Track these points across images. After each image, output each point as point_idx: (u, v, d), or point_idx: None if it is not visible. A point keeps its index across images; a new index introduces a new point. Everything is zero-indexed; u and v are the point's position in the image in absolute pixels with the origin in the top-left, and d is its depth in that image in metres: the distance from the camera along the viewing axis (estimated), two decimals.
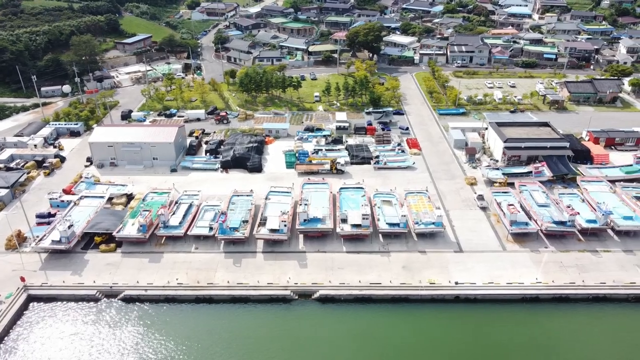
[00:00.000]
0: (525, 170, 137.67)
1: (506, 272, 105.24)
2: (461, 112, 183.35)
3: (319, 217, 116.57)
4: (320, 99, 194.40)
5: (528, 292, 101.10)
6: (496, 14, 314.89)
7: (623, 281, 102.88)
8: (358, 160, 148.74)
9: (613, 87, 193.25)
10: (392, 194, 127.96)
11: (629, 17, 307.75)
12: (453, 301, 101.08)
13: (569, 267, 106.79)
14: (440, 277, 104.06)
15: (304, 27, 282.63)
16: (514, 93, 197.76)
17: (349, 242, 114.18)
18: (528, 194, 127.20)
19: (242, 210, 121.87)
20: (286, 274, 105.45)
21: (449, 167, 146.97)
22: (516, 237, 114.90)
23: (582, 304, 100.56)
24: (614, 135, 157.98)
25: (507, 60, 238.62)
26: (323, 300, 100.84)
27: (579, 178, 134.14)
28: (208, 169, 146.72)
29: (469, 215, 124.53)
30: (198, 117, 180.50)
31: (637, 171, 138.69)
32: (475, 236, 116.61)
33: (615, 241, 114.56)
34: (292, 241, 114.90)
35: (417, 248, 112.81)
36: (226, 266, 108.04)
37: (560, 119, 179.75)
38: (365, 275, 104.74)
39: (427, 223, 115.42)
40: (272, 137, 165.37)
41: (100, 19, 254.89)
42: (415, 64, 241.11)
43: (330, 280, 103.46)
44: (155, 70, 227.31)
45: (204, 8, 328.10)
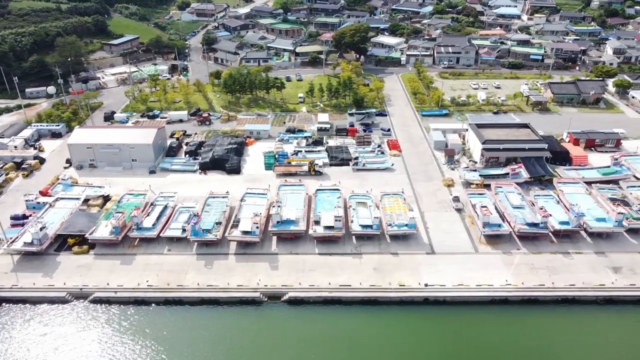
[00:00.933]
0: (502, 172, 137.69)
1: (477, 274, 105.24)
2: (444, 114, 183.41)
3: (292, 219, 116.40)
4: (304, 100, 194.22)
5: (497, 294, 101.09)
6: (485, 14, 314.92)
7: (592, 283, 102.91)
8: (337, 162, 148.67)
9: (596, 89, 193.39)
10: (367, 196, 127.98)
11: (618, 17, 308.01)
12: (422, 303, 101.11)
13: (540, 269, 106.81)
14: (411, 279, 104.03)
15: (292, 28, 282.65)
16: (497, 94, 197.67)
17: (322, 244, 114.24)
18: (504, 195, 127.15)
19: (217, 212, 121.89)
20: (257, 275, 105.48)
21: (427, 169, 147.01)
22: (489, 238, 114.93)
23: (551, 306, 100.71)
24: (594, 137, 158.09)
25: (493, 61, 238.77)
26: (292, 302, 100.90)
27: (555, 179, 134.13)
28: (187, 171, 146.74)
29: (444, 217, 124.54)
30: (180, 119, 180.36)
31: (614, 172, 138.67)
32: (449, 238, 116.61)
33: (587, 243, 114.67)
34: (265, 243, 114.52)
35: (390, 250, 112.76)
36: (197, 268, 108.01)
37: (542, 120, 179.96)
38: (336, 277, 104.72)
39: (400, 225, 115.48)
40: (254, 138, 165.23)
41: (87, 20, 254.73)
42: (402, 65, 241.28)
43: (300, 282, 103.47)
44: (141, 72, 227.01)
45: (194, 9, 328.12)
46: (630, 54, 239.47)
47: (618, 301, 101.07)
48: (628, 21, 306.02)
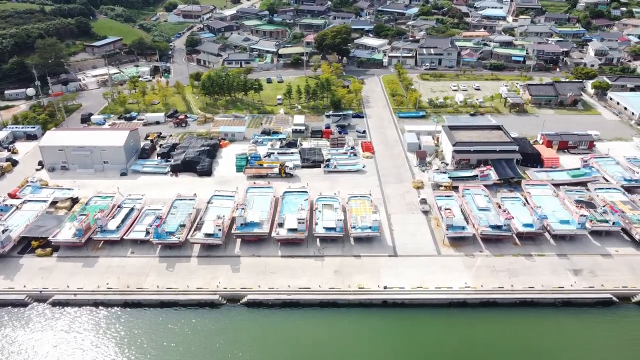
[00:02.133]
0: (471, 174, 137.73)
1: (437, 277, 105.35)
2: (421, 115, 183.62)
3: (256, 222, 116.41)
4: (282, 102, 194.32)
5: (456, 296, 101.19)
6: (470, 16, 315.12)
7: (552, 285, 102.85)
8: (309, 164, 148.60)
9: (574, 90, 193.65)
10: (335, 198, 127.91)
11: (603, 19, 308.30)
12: (381, 306, 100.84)
13: (501, 271, 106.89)
14: (371, 282, 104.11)
15: (276, 30, 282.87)
16: (475, 96, 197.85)
17: (285, 246, 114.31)
18: (470, 197, 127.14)
19: (183, 214, 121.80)
20: (217, 278, 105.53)
21: (399, 171, 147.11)
22: (452, 241, 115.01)
23: (510, 309, 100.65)
24: (566, 139, 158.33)
25: (475, 62, 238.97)
26: (251, 304, 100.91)
27: (523, 182, 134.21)
28: (158, 173, 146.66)
29: (410, 219, 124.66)
30: (157, 120, 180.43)
31: (584, 174, 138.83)
32: (413, 240, 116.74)
33: (551, 245, 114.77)
34: (228, 245, 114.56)
35: (353, 252, 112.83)
36: (159, 271, 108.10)
37: (519, 122, 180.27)
38: (296, 280, 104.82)
39: (363, 227, 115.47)
40: (228, 140, 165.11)
41: (70, 22, 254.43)
42: (384, 66, 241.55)
43: (259, 284, 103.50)
44: (123, 73, 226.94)
45: (180, 10, 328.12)
46: (612, 55, 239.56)
47: (576, 304, 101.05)
48: (613, 22, 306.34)
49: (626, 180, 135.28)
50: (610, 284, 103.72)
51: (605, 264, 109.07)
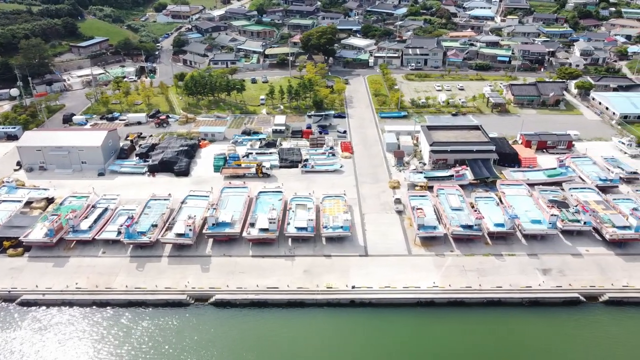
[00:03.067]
0: (447, 174, 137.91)
1: (406, 276, 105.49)
2: (402, 115, 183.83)
3: (227, 222, 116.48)
4: (265, 102, 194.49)
5: (423, 296, 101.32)
6: (458, 16, 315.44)
7: (520, 285, 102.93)
8: (287, 164, 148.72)
9: (556, 90, 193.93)
10: (309, 198, 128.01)
11: (591, 19, 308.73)
12: (349, 305, 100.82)
13: (470, 271, 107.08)
14: (339, 282, 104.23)
15: (264, 30, 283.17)
16: (457, 96, 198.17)
17: (257, 246, 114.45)
18: (444, 197, 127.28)
19: (156, 214, 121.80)
20: (186, 278, 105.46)
21: (376, 171, 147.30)
22: (424, 241, 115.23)
23: (478, 308, 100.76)
24: (545, 139, 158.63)
25: (461, 62, 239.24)
26: (219, 304, 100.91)
27: (498, 181, 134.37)
28: (136, 173, 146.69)
29: (384, 219, 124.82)
30: (139, 121, 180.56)
31: (559, 174, 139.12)
32: (385, 240, 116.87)
33: (522, 245, 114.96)
34: (200, 245, 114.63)
35: (324, 252, 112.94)
36: (129, 270, 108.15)
37: (501, 121, 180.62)
38: (265, 280, 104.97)
39: (335, 227, 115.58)
40: (208, 140, 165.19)
41: (57, 23, 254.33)
42: (370, 66, 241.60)
43: (228, 284, 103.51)
44: (108, 74, 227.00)
45: (169, 11, 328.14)
46: (598, 55, 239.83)
47: (544, 303, 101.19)
48: (601, 23, 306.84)
49: (601, 180, 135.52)
50: (578, 283, 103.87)
51: (574, 264, 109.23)
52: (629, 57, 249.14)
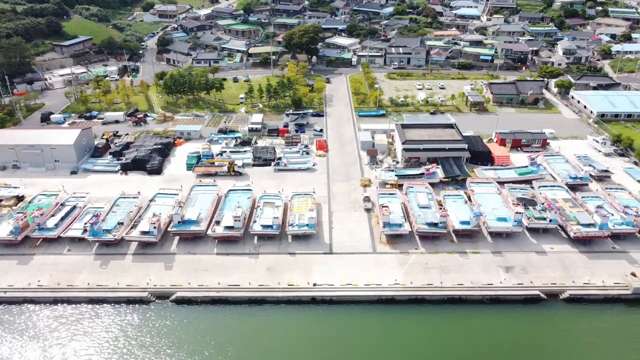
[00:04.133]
0: (417, 172, 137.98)
1: (368, 274, 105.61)
2: (380, 114, 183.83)
3: (193, 219, 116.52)
4: (245, 101, 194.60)
5: (384, 293, 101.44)
6: (444, 15, 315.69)
7: (481, 282, 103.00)
8: (260, 162, 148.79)
9: (535, 89, 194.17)
10: (278, 196, 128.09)
11: (577, 18, 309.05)
12: (310, 303, 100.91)
13: (433, 268, 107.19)
14: (301, 279, 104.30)
15: (249, 29, 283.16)
16: (437, 94, 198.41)
17: (222, 244, 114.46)
18: (413, 195, 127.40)
19: (124, 212, 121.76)
20: (149, 275, 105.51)
21: (349, 169, 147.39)
22: (390, 238, 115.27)
23: (438, 306, 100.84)
24: (520, 137, 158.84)
25: (444, 61, 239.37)
26: (180, 301, 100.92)
27: (468, 179, 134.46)
28: (109, 171, 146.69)
29: (352, 216, 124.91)
30: (117, 119, 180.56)
31: (530, 172, 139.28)
32: (351, 238, 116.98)
33: (487, 243, 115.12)
34: (166, 243, 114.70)
35: (288, 250, 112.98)
36: (92, 268, 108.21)
37: (479, 120, 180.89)
38: (228, 277, 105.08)
39: (300, 225, 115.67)
40: (184, 139, 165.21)
41: (40, 22, 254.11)
42: (354, 65, 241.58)
43: (190, 282, 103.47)
44: (90, 73, 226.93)
45: (156, 10, 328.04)
46: (580, 54, 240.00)
47: (504, 300, 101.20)
48: (587, 22, 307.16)
49: (571, 178, 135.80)
50: (540, 280, 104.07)
51: (538, 261, 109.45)
52: (612, 56, 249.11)
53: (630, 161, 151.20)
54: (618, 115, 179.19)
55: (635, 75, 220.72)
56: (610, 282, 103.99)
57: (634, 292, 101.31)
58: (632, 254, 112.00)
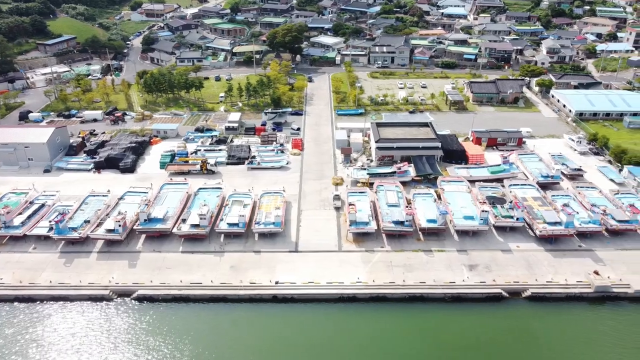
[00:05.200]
0: (389, 171, 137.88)
1: (332, 272, 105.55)
2: (359, 113, 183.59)
3: (160, 218, 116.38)
4: (225, 100, 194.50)
5: (346, 291, 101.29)
6: (430, 14, 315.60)
7: (444, 280, 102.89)
8: (234, 161, 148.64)
9: (515, 88, 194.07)
10: (248, 194, 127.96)
11: (564, 17, 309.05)
12: (272, 300, 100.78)
13: (397, 266, 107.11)
14: (264, 277, 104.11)
15: (234, 28, 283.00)
16: (417, 93, 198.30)
17: (188, 242, 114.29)
18: (383, 193, 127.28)
19: (92, 210, 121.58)
20: (112, 273, 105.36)
21: (322, 168, 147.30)
22: (356, 236, 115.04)
23: (400, 304, 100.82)
24: (495, 136, 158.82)
25: (427, 60, 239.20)
26: (141, 299, 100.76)
27: (440, 178, 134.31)
28: (82, 170, 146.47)
29: (321, 215, 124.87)
30: (95, 118, 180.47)
31: (502, 171, 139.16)
32: (317, 236, 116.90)
33: (454, 241, 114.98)
34: (132, 241, 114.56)
35: (254, 248, 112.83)
36: (56, 266, 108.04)
37: (457, 119, 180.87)
38: (191, 275, 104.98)
39: (266, 223, 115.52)
40: (160, 137, 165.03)
41: (25, 21, 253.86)
42: (337, 64, 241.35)
43: (152, 280, 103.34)
44: (73, 72, 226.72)
45: (143, 9, 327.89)
46: (564, 53, 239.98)
47: (466, 299, 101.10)
48: (574, 21, 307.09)
49: (543, 176, 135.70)
50: (503, 279, 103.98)
51: (502, 260, 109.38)
52: (597, 55, 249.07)
53: (604, 160, 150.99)
54: (596, 114, 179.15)
55: (616, 74, 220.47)
56: (573, 280, 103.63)
57: (596, 291, 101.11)
58: (598, 253, 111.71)
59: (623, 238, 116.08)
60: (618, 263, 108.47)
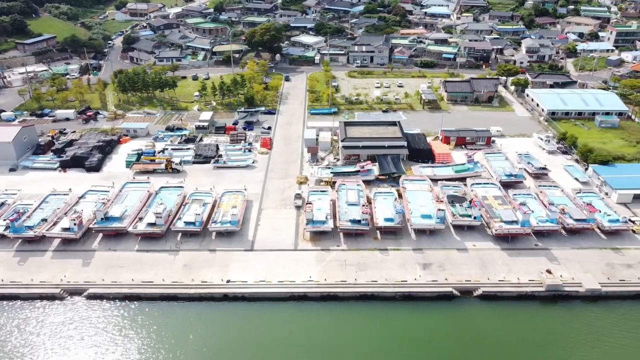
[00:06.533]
0: (353, 170, 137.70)
1: (284, 271, 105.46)
2: (332, 112, 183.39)
3: (116, 216, 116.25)
4: (199, 99, 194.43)
5: (297, 290, 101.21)
6: (413, 14, 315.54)
7: (395, 279, 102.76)
8: (201, 160, 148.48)
9: (489, 87, 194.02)
10: (209, 193, 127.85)
11: (547, 17, 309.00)
12: (223, 299, 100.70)
13: (350, 265, 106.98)
14: (217, 276, 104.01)
15: (216, 28, 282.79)
16: (391, 92, 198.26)
17: (145, 240, 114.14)
18: (344, 192, 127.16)
19: (51, 209, 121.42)
20: (65, 272, 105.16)
21: (289, 167, 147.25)
22: (313, 235, 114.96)
23: (351, 302, 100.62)
24: (464, 135, 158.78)
25: (407, 60, 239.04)
26: (92, 297, 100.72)
27: (403, 177, 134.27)
28: (48, 169, 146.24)
29: (281, 214, 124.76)
30: (67, 117, 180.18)
31: (467, 170, 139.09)
32: (275, 235, 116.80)
33: (411, 240, 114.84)
34: (88, 239, 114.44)
35: (210, 247, 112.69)
36: (9, 265, 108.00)
37: (430, 118, 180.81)
38: (143, 274, 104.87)
39: (223, 222, 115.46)
40: (130, 136, 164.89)
41: (5, 20, 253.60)
42: (317, 64, 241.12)
43: (104, 278, 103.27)
44: (50, 71, 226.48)
45: (127, 9, 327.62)
46: (544, 52, 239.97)
47: (417, 297, 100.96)
48: (557, 20, 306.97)
49: (506, 175, 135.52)
50: (455, 277, 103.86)
51: (457, 258, 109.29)
52: (577, 55, 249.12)
53: (572, 159, 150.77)
54: (569, 113, 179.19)
55: (592, 73, 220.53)
56: (525, 279, 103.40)
57: (547, 290, 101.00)
58: (554, 251, 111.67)
59: (580, 237, 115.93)
60: (572, 262, 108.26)
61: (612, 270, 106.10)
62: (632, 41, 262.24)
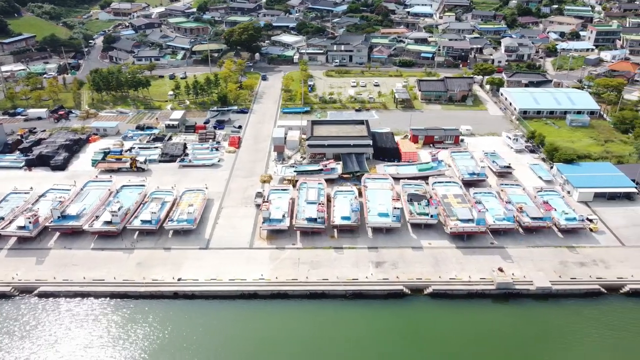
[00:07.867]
0: (316, 168, 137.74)
1: (238, 269, 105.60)
2: (304, 111, 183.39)
3: (73, 215, 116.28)
4: (174, 98, 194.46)
5: (247, 288, 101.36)
6: (396, 13, 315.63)
7: (347, 277, 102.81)
8: (167, 158, 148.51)
9: (463, 86, 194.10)
10: (169, 192, 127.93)
11: (530, 16, 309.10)
12: (173, 297, 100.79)
13: (304, 263, 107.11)
14: (169, 274, 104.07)
15: (197, 27, 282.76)
16: (365, 92, 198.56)
17: (102, 239, 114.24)
18: (305, 191, 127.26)
19: (10, 207, 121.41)
20: (17, 270, 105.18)
21: (255, 165, 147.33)
22: (269, 233, 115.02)
23: (302, 301, 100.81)
24: (432, 134, 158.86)
25: (385, 59, 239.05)
26: (42, 296, 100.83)
27: (365, 175, 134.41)
28: (13, 167, 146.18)
29: (240, 212, 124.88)
30: (39, 116, 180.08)
31: (430, 168, 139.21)
32: (232, 233, 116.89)
33: (367, 238, 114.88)
34: (45, 238, 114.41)
35: (165, 245, 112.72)
36: None
37: (402, 117, 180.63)
38: (96, 272, 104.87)
39: (179, 220, 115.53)
40: (100, 135, 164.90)
41: None
42: (295, 63, 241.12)
43: (55, 277, 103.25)
44: (27, 70, 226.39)
45: (111, 8, 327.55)
46: (523, 52, 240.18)
47: (367, 296, 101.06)
48: (540, 20, 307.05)
49: (469, 174, 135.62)
50: (407, 276, 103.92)
51: (411, 257, 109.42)
52: (557, 54, 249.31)
53: (538, 157, 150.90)
54: (540, 112, 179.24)
55: (568, 72, 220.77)
56: (477, 277, 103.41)
57: (498, 288, 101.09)
58: (509, 250, 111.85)
59: (537, 235, 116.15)
60: (526, 260, 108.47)
61: (564, 268, 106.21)
62: (612, 40, 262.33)
